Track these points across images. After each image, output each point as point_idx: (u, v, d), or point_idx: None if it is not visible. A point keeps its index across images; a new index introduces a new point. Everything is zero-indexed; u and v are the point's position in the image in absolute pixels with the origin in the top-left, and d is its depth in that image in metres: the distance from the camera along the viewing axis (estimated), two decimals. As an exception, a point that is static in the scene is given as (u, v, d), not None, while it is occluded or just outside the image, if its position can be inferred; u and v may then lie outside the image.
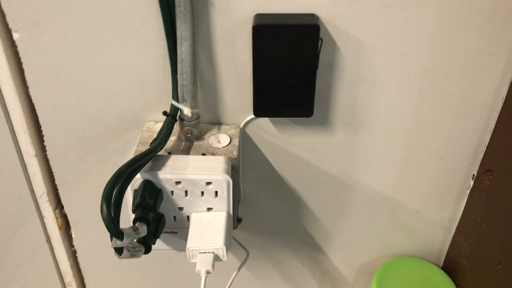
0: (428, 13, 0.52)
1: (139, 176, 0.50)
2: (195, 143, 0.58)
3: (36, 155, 0.63)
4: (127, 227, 0.45)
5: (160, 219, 0.52)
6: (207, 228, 0.51)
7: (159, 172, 0.50)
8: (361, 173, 0.65)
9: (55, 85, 0.57)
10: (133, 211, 0.48)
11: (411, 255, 0.75)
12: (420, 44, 0.54)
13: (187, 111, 0.55)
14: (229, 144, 0.57)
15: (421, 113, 0.59)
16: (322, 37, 0.52)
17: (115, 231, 0.43)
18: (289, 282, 0.79)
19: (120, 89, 0.58)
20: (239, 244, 0.70)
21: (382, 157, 0.64)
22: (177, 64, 0.53)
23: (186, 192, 0.51)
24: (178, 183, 0.51)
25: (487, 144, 0.61)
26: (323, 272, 0.78)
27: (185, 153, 0.56)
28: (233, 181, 0.52)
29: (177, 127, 0.57)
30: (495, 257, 0.60)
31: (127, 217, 0.49)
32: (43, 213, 0.69)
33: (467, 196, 0.67)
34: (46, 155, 0.64)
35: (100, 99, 0.58)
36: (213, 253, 0.49)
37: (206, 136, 0.59)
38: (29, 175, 0.65)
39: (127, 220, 0.49)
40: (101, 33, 0.53)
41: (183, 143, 0.58)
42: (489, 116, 0.59)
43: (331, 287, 0.80)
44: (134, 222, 0.47)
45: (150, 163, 0.51)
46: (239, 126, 0.60)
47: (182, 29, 0.50)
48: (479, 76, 0.56)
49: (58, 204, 0.70)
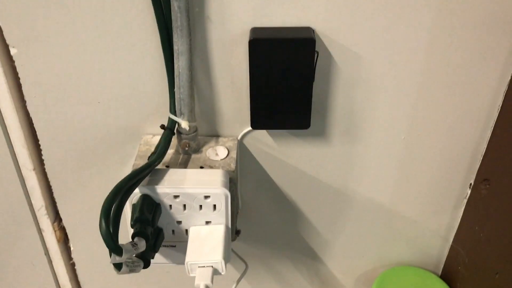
0: (423, 24, 0.52)
1: (137, 190, 0.50)
2: (193, 156, 0.58)
3: (34, 169, 0.63)
4: (126, 243, 0.45)
5: (158, 233, 0.52)
6: (206, 241, 0.51)
7: (157, 186, 0.50)
8: (359, 182, 0.66)
9: (52, 99, 0.57)
10: (132, 226, 0.49)
11: (409, 264, 0.75)
12: (415, 54, 0.54)
13: (184, 125, 0.55)
14: (227, 156, 0.57)
15: (417, 122, 0.60)
16: (318, 50, 0.52)
17: (114, 247, 0.43)
18: (288, 292, 0.80)
19: (117, 103, 0.58)
20: (238, 256, 0.70)
21: (379, 166, 0.64)
22: (174, 77, 0.53)
23: (184, 206, 0.51)
24: (176, 197, 0.51)
25: (483, 153, 0.62)
26: (322, 281, 0.78)
27: (183, 166, 0.56)
28: (231, 193, 0.52)
29: (174, 140, 0.58)
30: (493, 266, 0.60)
31: (126, 232, 0.49)
32: (42, 226, 0.69)
33: (464, 205, 0.67)
34: (44, 169, 0.64)
35: (97, 113, 0.58)
36: (212, 267, 0.49)
37: (203, 148, 0.59)
38: (27, 189, 0.65)
39: (126, 234, 0.49)
40: (99, 47, 0.53)
41: (181, 156, 0.58)
42: (485, 125, 0.60)
43: (330, 296, 0.80)
44: (132, 237, 0.47)
45: (148, 177, 0.51)
46: (237, 138, 0.61)
47: (179, 44, 0.50)
48: (475, 85, 0.57)
49: (56, 217, 0.69)
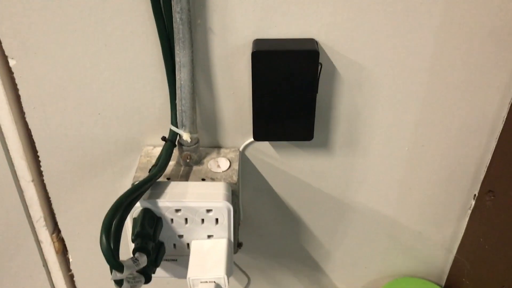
0: (427, 36, 0.51)
1: (138, 204, 0.49)
2: (194, 168, 0.57)
3: (32, 180, 0.62)
4: (127, 259, 0.44)
5: (160, 247, 0.51)
6: (208, 256, 0.50)
7: (158, 200, 0.49)
8: (362, 194, 0.65)
9: (52, 110, 0.56)
10: (133, 241, 0.48)
11: (412, 275, 0.74)
12: (419, 66, 0.54)
13: (186, 136, 0.54)
14: (228, 168, 0.57)
15: (421, 134, 0.59)
16: (321, 61, 0.52)
17: (115, 264, 0.42)
18: (289, 303, 0.79)
19: (118, 114, 0.57)
20: (240, 269, 0.69)
21: (382, 177, 0.63)
22: (176, 89, 0.52)
23: (186, 219, 0.50)
24: (178, 210, 0.50)
25: (488, 164, 0.61)
26: (324, 293, 0.77)
27: (184, 178, 0.55)
28: (233, 206, 0.51)
29: (176, 152, 0.57)
30: (499, 279, 0.60)
31: (126, 245, 0.49)
32: (40, 238, 0.68)
33: (469, 216, 0.66)
34: (42, 180, 0.63)
35: (98, 124, 0.58)
36: (215, 282, 0.49)
37: (205, 160, 0.58)
38: (26, 200, 0.64)
39: (126, 248, 0.48)
40: (99, 59, 0.53)
41: (182, 168, 0.57)
42: (490, 136, 0.59)
43: (332, 308, 0.79)
44: (133, 252, 0.47)
45: (149, 191, 0.50)
46: (239, 149, 0.60)
47: (181, 56, 0.49)
48: (480, 97, 0.56)
49: (55, 228, 0.69)
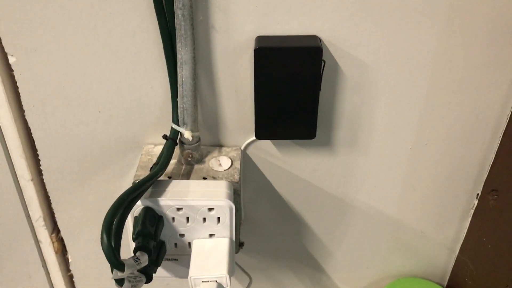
0: (430, 33, 0.51)
1: (139, 203, 0.48)
2: (196, 167, 0.56)
3: (32, 179, 0.62)
4: (128, 258, 0.44)
5: (161, 247, 0.50)
6: (210, 255, 0.50)
7: (159, 198, 0.49)
8: (364, 193, 0.64)
9: (52, 108, 0.56)
10: (134, 240, 0.47)
11: (415, 276, 0.73)
12: (422, 64, 0.53)
13: (187, 135, 0.54)
14: (230, 167, 0.56)
15: (424, 133, 0.59)
16: (324, 58, 0.51)
17: (116, 263, 0.41)
18: (291, 303, 0.78)
19: (119, 112, 0.56)
20: (241, 269, 0.68)
21: (385, 177, 0.63)
22: (177, 87, 0.52)
23: (187, 218, 0.50)
24: (179, 209, 0.49)
25: (491, 163, 0.61)
26: (325, 293, 0.76)
27: (186, 177, 0.55)
28: (235, 205, 0.50)
29: (177, 150, 0.56)
30: (502, 279, 0.59)
31: (127, 244, 0.48)
32: (39, 238, 0.68)
33: (471, 215, 0.66)
34: (42, 179, 0.62)
35: (98, 122, 0.57)
36: (217, 281, 0.48)
37: (206, 159, 0.57)
38: (25, 199, 0.64)
39: (127, 246, 0.48)
40: (100, 56, 0.52)
41: (183, 167, 0.56)
42: (493, 135, 0.59)
43: (334, 308, 0.79)
44: (135, 251, 0.46)
45: (150, 189, 0.50)
46: (240, 148, 0.59)
47: (182, 53, 0.49)
48: (483, 95, 0.56)
49: (54, 228, 0.68)
